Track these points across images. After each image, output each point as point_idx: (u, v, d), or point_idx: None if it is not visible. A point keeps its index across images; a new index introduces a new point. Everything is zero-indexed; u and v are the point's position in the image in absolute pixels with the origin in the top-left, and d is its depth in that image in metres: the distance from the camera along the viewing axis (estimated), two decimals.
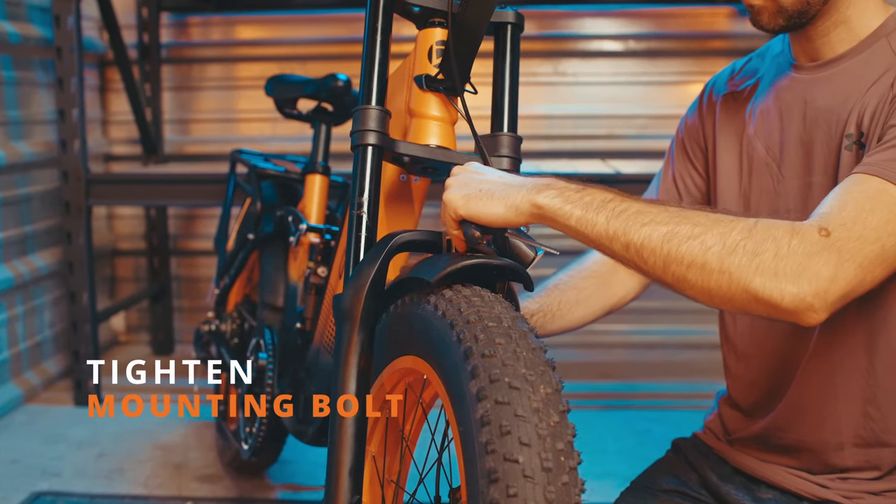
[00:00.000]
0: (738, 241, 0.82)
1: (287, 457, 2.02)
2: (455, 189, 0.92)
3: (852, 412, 1.05)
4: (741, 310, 0.84)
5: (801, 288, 0.81)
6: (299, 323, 1.65)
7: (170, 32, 3.03)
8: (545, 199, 0.88)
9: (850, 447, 1.06)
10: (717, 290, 0.83)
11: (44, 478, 1.96)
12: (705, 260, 0.82)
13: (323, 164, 1.83)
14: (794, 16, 1.02)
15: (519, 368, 0.75)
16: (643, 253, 0.84)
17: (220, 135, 3.04)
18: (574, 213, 0.87)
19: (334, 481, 0.90)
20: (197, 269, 3.12)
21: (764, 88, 1.14)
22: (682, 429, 1.35)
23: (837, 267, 0.82)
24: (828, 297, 0.82)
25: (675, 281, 0.84)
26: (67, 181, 2.41)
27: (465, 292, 0.86)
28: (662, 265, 0.84)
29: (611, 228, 0.85)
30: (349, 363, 0.93)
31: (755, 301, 0.82)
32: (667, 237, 0.84)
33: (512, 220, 0.89)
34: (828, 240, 0.83)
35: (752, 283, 0.81)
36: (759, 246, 0.82)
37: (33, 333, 2.60)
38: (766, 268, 0.81)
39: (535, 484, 0.69)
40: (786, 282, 0.81)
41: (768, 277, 0.81)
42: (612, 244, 0.86)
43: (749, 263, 0.81)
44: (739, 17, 2.92)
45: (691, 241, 0.83)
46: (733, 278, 0.82)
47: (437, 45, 1.05)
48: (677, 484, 1.20)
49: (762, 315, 0.84)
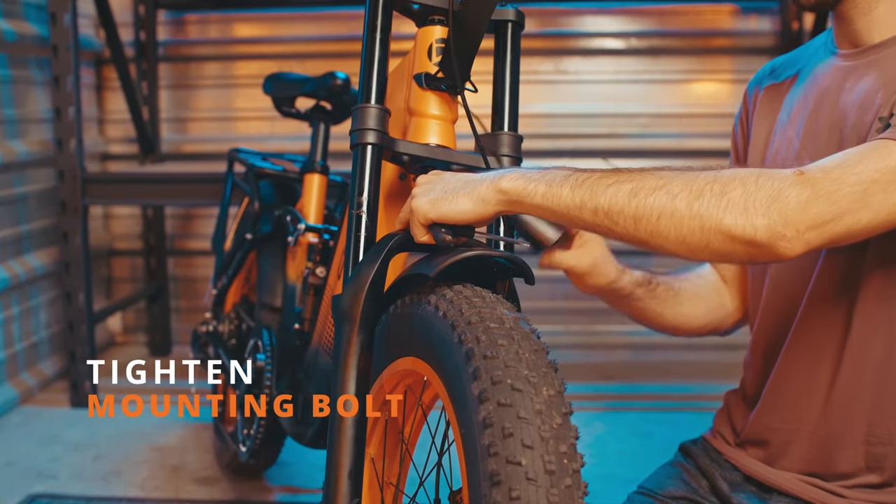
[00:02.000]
0: (704, 185, 0.83)
1: (285, 459, 2.01)
2: (420, 196, 0.93)
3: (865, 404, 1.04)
4: (721, 255, 0.84)
5: (770, 218, 0.81)
6: (298, 324, 1.65)
7: (167, 30, 3.03)
8: (508, 182, 0.89)
9: (860, 445, 1.04)
10: (691, 237, 0.83)
11: (40, 480, 1.96)
12: (674, 207, 0.82)
13: (321, 164, 1.82)
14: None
15: (521, 370, 0.74)
16: (612, 214, 0.85)
17: (218, 133, 3.04)
18: (538, 189, 0.88)
19: (333, 484, 0.89)
20: (194, 270, 3.12)
21: (803, 78, 1.12)
22: (685, 431, 1.33)
23: (810, 199, 0.82)
24: (799, 225, 0.81)
25: (648, 236, 0.84)
26: (63, 180, 2.41)
27: (467, 293, 0.86)
28: (633, 223, 0.84)
29: (577, 197, 0.86)
30: (348, 364, 0.93)
31: (731, 240, 0.82)
32: (632, 192, 0.84)
33: (481, 212, 0.90)
34: (801, 177, 0.83)
35: (723, 221, 0.81)
36: (726, 186, 0.82)
37: (29, 334, 2.60)
38: (735, 204, 0.81)
39: (538, 487, 0.68)
40: (755, 214, 0.81)
41: (738, 213, 0.81)
42: (582, 213, 0.86)
43: (718, 203, 0.82)
44: (742, 15, 2.92)
45: (657, 192, 0.83)
46: (704, 220, 0.82)
47: (437, 43, 1.04)
48: (687, 490, 1.18)
49: (743, 258, 0.84)
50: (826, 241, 0.84)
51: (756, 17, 2.92)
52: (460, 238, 0.92)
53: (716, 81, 2.93)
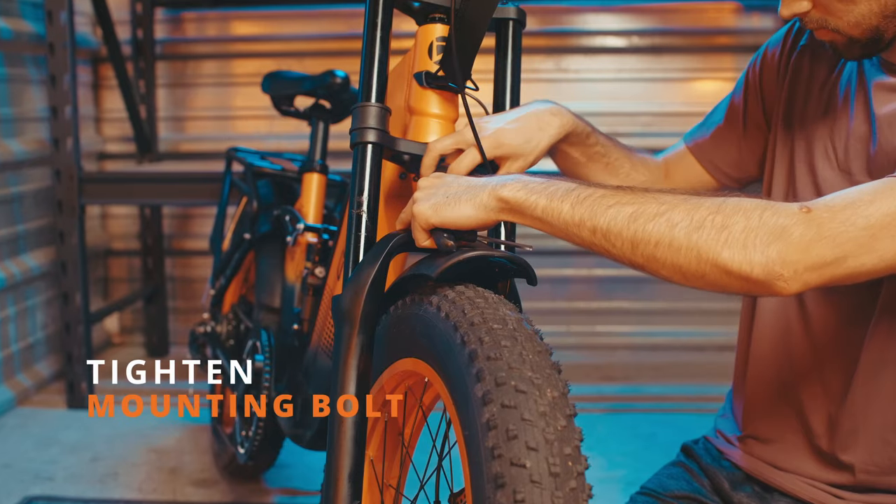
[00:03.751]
0: (705, 216, 0.81)
1: (284, 461, 2.01)
2: (422, 200, 0.92)
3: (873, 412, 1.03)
4: (716, 286, 0.82)
5: (768, 256, 0.79)
6: (297, 324, 1.64)
7: (164, 28, 3.03)
8: (509, 192, 0.88)
9: (863, 449, 1.04)
10: (687, 267, 0.81)
11: (36, 482, 1.95)
12: (672, 237, 0.81)
13: (321, 163, 1.82)
14: (868, 44, 0.97)
15: (525, 371, 0.74)
16: (610, 236, 0.83)
17: (216, 132, 3.04)
18: (539, 202, 0.87)
19: (332, 486, 0.89)
20: (192, 270, 3.12)
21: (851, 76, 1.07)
22: (687, 432, 1.33)
23: (813, 240, 0.79)
24: (798, 266, 0.79)
25: (645, 261, 0.83)
26: (60, 180, 2.40)
27: (469, 293, 0.85)
28: (630, 247, 0.83)
29: (576, 215, 0.85)
30: (348, 365, 0.92)
31: (727, 275, 0.80)
32: (632, 217, 0.83)
33: (482, 218, 0.90)
34: (807, 215, 0.81)
35: (720, 256, 0.80)
36: (727, 220, 0.80)
37: (25, 335, 2.59)
38: (735, 240, 0.79)
39: (542, 489, 0.68)
40: (754, 251, 0.79)
41: (737, 249, 0.79)
42: (580, 231, 0.85)
43: (717, 237, 0.80)
44: (745, 13, 2.91)
45: (657, 219, 0.82)
46: (702, 253, 0.80)
47: (438, 42, 1.04)
48: (689, 490, 1.18)
49: (738, 291, 0.83)
50: (825, 281, 0.82)
51: (759, 14, 2.91)
52: (462, 242, 0.91)
53: (718, 80, 2.92)
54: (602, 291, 2.98)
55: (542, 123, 1.05)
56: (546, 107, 1.07)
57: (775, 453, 1.12)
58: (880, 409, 1.03)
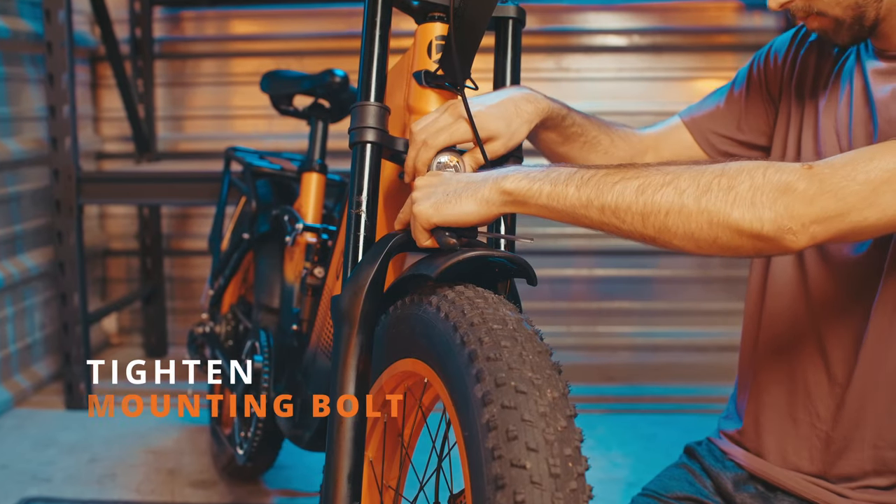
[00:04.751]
0: (711, 180, 0.83)
1: (283, 462, 2.01)
2: (422, 200, 0.92)
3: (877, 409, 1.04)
4: (728, 249, 0.84)
5: (776, 211, 0.81)
6: (296, 325, 1.64)
7: (163, 27, 3.03)
8: (512, 183, 0.88)
9: (868, 448, 1.05)
10: (699, 233, 0.83)
11: (34, 483, 1.94)
12: (682, 203, 0.82)
13: (320, 162, 1.81)
14: (854, 25, 1.00)
15: (525, 372, 0.74)
16: (619, 212, 0.84)
17: (215, 132, 3.03)
18: (543, 189, 0.87)
19: (332, 487, 0.88)
20: (191, 270, 3.11)
21: (852, 67, 1.09)
22: (688, 433, 1.32)
23: (816, 194, 0.82)
24: (804, 219, 0.82)
25: (657, 233, 0.84)
26: (58, 179, 2.39)
27: (469, 294, 0.85)
28: (641, 219, 0.84)
29: (583, 196, 0.85)
30: (347, 366, 0.92)
31: (739, 234, 0.82)
32: (640, 190, 0.84)
33: (485, 213, 0.89)
34: (809, 171, 0.83)
35: (731, 216, 0.81)
36: (733, 181, 0.82)
37: (23, 335, 2.59)
38: (743, 199, 0.82)
39: (542, 490, 0.68)
40: (763, 208, 0.81)
41: (746, 207, 0.81)
42: (588, 211, 0.85)
43: (725, 198, 0.82)
44: (746, 12, 2.90)
45: (665, 189, 0.83)
46: (713, 215, 0.82)
47: (437, 41, 1.03)
48: (691, 491, 1.18)
49: (748, 252, 0.84)
50: (831, 236, 0.84)
51: (760, 13, 2.91)
52: (463, 239, 0.91)
53: (719, 79, 2.90)
54: (603, 292, 2.98)
55: (518, 110, 1.05)
56: (521, 93, 1.07)
57: (780, 453, 1.12)
58: (886, 382, 1.03)
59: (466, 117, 0.98)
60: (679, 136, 1.28)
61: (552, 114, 1.12)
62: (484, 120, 1.00)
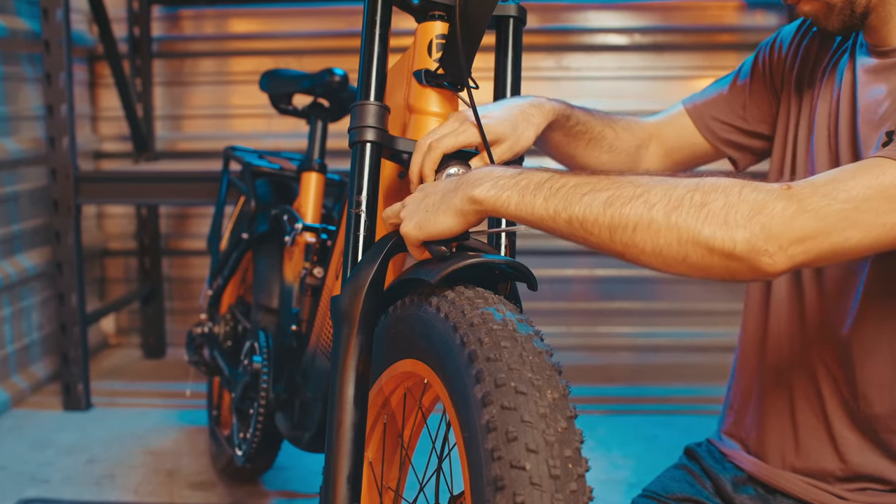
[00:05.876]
0: (683, 194, 0.79)
1: (282, 463, 2.00)
2: (407, 220, 0.92)
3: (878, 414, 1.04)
4: (699, 269, 0.80)
5: (751, 231, 0.77)
6: (295, 325, 1.63)
7: (161, 26, 3.02)
8: (481, 192, 0.86)
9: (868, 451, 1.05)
10: (667, 249, 0.79)
11: (32, 484, 1.94)
12: (651, 218, 0.79)
13: (319, 162, 1.81)
14: (844, 9, 0.99)
15: (525, 373, 0.74)
16: (586, 224, 0.81)
17: (214, 131, 3.03)
18: (511, 199, 0.85)
19: (331, 488, 0.88)
20: (189, 270, 3.11)
21: (846, 61, 1.09)
22: (689, 434, 1.32)
23: (795, 213, 0.78)
24: (782, 240, 0.77)
25: (623, 247, 0.81)
26: (56, 179, 2.39)
27: (468, 294, 0.85)
28: (608, 233, 0.81)
29: (550, 207, 0.83)
30: (347, 366, 0.91)
31: (710, 253, 0.78)
32: (608, 202, 0.81)
33: (463, 223, 0.89)
34: (788, 191, 0.80)
35: (701, 233, 0.77)
36: (706, 197, 0.79)
37: (21, 336, 2.58)
38: (716, 216, 0.77)
39: (542, 492, 0.68)
40: (736, 227, 0.77)
41: (718, 225, 0.77)
42: (556, 223, 0.83)
43: (696, 215, 0.78)
44: (748, 11, 2.90)
45: (634, 202, 0.80)
46: (682, 231, 0.78)
47: (437, 39, 1.03)
48: (691, 493, 1.18)
49: (723, 273, 0.80)
50: (812, 258, 0.80)
51: (762, 12, 2.91)
52: (454, 245, 0.91)
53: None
54: (603, 292, 2.97)
55: (525, 115, 1.04)
56: (527, 100, 1.07)
57: (780, 455, 1.12)
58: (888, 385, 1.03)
59: (473, 121, 0.97)
60: (681, 122, 1.27)
61: (558, 117, 1.11)
62: (490, 123, 0.99)
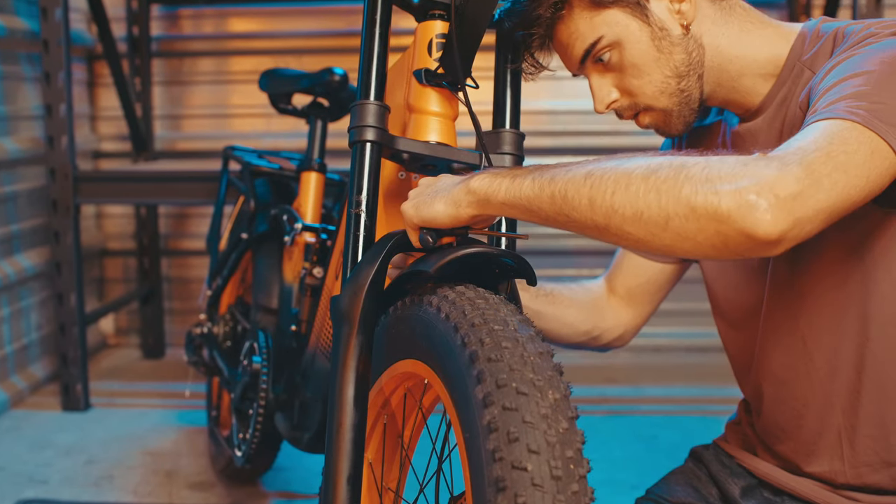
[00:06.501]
0: (663, 161, 0.77)
1: (282, 464, 2.00)
2: (409, 201, 0.94)
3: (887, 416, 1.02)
4: (685, 237, 0.75)
5: (738, 183, 0.72)
6: (294, 325, 1.63)
7: (160, 25, 3.02)
8: (476, 182, 0.88)
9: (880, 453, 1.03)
10: (648, 212, 0.75)
11: (30, 485, 1.93)
12: (629, 180, 0.77)
13: (319, 161, 1.81)
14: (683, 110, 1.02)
15: (526, 373, 0.74)
16: (568, 198, 0.81)
17: (213, 131, 3.02)
18: (503, 184, 0.87)
19: (331, 489, 0.88)
20: (188, 270, 3.10)
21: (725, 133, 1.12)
22: (690, 435, 1.31)
23: (781, 167, 0.73)
24: (776, 189, 0.71)
25: (605, 217, 0.78)
26: (55, 179, 2.38)
27: (469, 294, 0.85)
28: (588, 203, 0.79)
29: (536, 185, 0.84)
30: (347, 367, 0.91)
31: (692, 213, 0.73)
32: (588, 173, 0.81)
33: (454, 214, 0.90)
34: (766, 156, 0.76)
35: (682, 191, 0.73)
36: (685, 162, 0.76)
37: (19, 336, 2.57)
38: (695, 175, 0.74)
39: (544, 493, 0.68)
40: (720, 182, 0.72)
41: (699, 182, 0.73)
42: (540, 201, 0.83)
43: (676, 174, 0.75)
44: None
45: (614, 170, 0.79)
46: (661, 192, 0.74)
47: (437, 39, 1.03)
48: (696, 497, 1.17)
49: (711, 241, 0.74)
50: (815, 214, 0.75)
51: (763, 11, 2.88)
52: (443, 239, 0.91)
53: None
54: None
55: None
56: None
57: (790, 458, 1.11)
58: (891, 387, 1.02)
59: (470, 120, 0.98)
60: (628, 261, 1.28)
61: None
62: None
